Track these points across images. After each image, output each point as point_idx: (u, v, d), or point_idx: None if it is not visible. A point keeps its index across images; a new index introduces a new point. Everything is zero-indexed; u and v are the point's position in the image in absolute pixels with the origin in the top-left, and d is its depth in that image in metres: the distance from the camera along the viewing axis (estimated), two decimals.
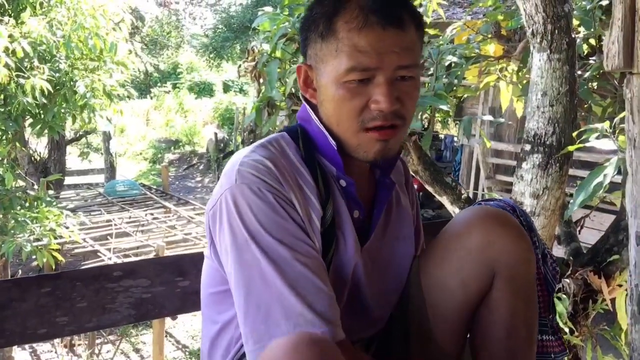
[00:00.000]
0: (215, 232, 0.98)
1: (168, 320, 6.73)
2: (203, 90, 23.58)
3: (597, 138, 1.97)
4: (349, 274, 1.04)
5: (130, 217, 8.89)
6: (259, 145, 1.01)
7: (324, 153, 1.04)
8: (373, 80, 0.94)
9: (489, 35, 3.06)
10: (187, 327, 7.76)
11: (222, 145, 15.80)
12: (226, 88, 23.78)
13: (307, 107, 1.06)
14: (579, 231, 2.60)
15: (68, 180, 11.58)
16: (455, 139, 11.67)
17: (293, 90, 3.65)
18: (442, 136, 12.82)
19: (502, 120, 3.18)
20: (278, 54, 3.33)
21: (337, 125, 0.99)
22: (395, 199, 1.17)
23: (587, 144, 2.04)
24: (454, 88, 2.91)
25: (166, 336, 6.73)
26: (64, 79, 5.10)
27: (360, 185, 1.07)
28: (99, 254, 7.12)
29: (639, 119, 1.21)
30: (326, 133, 1.01)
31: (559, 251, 2.67)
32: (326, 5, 0.97)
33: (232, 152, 15.06)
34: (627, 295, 1.97)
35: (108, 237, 7.71)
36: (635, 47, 1.19)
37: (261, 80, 3.65)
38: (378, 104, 0.94)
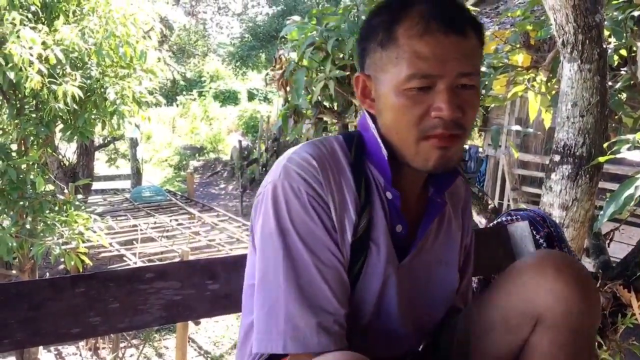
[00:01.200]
0: (254, 221, 1.01)
1: (191, 325, 6.78)
2: (228, 98, 23.82)
3: (629, 149, 1.94)
4: (378, 286, 1.01)
5: (155, 223, 8.98)
6: (311, 142, 1.01)
7: (375, 162, 1.02)
8: (434, 88, 0.92)
9: (518, 45, 3.04)
10: (210, 333, 7.81)
11: (245, 153, 15.91)
12: (251, 96, 23.99)
13: (367, 115, 1.04)
14: (608, 244, 2.56)
15: (96, 186, 11.76)
16: (480, 149, 11.58)
17: (319, 98, 3.67)
18: (466, 146, 12.74)
19: (530, 130, 3.17)
20: (305, 62, 3.36)
21: (396, 134, 0.97)
22: (446, 222, 1.14)
23: (617, 156, 2.01)
24: (482, 98, 2.90)
25: (189, 341, 6.77)
26: (95, 86, 5.18)
27: (409, 200, 1.05)
28: (124, 258, 7.21)
29: None
30: (380, 142, 1.00)
31: (588, 265, 2.63)
32: (386, 14, 0.96)
33: (255, 160, 15.15)
34: None
35: (134, 241, 7.80)
36: None
37: (288, 89, 3.68)
38: (440, 112, 0.92)
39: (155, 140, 20.24)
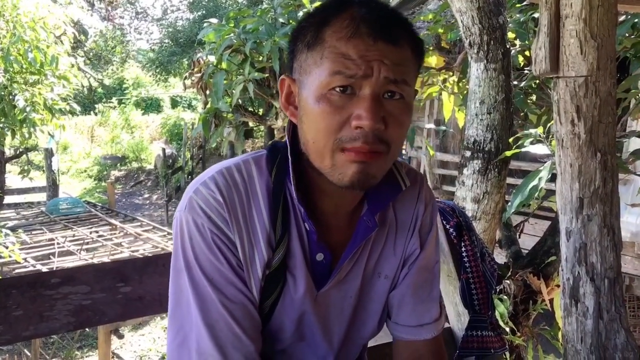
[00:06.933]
0: None
1: (115, 340, 6.54)
2: (150, 105, 23.24)
3: (532, 143, 2.05)
4: (296, 316, 1.00)
5: (74, 236, 8.61)
6: (225, 167, 0.95)
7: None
8: (358, 93, 0.84)
9: (430, 47, 3.15)
10: (135, 347, 7.56)
11: (170, 161, 15.57)
12: (174, 103, 23.50)
13: (289, 126, 0.97)
14: (519, 235, 2.69)
15: (8, 199, 11.14)
16: (404, 151, 11.90)
17: (240, 101, 3.65)
18: None
19: (444, 127, 3.28)
20: (224, 65, 3.33)
21: (313, 144, 0.88)
22: (393, 234, 1.07)
23: (524, 150, 2.12)
24: None
25: (113, 357, 6.53)
26: (3, 93, 4.93)
27: (338, 219, 1.00)
28: None
29: (565, 120, 1.28)
30: (290, 170, 0.93)
31: (501, 256, 2.75)
32: (317, 16, 0.89)
33: (180, 168, 14.86)
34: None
35: (50, 256, 7.44)
36: (561, 52, 1.25)
37: (207, 92, 3.64)
38: (359, 120, 0.82)
39: (73, 151, 19.45)
